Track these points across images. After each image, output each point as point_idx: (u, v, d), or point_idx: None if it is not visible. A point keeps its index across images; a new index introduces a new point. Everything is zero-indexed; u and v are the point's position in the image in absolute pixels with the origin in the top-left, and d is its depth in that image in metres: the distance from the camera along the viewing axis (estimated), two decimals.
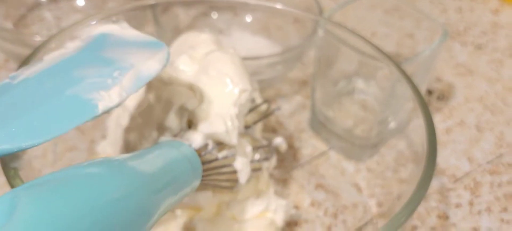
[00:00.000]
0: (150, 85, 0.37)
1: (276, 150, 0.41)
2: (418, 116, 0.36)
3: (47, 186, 0.21)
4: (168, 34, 0.48)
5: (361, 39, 0.41)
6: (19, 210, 0.19)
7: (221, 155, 0.33)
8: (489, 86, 0.53)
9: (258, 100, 0.40)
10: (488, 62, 0.56)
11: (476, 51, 0.57)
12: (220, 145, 0.34)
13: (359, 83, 0.47)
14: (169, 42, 0.40)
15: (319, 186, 0.43)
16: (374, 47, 0.40)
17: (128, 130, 0.37)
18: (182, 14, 0.54)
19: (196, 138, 0.32)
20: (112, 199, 0.23)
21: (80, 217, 0.20)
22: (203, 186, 0.33)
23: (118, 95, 0.28)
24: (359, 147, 0.45)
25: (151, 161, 0.28)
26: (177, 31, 0.46)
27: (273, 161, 0.40)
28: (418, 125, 0.34)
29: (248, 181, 0.36)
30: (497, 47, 0.58)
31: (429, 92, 0.52)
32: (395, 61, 0.39)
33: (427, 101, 0.51)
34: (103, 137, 0.40)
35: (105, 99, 0.28)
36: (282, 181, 0.43)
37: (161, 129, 0.34)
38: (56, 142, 0.39)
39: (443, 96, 0.52)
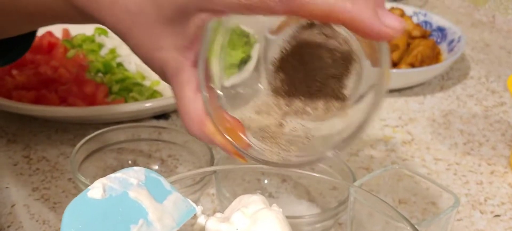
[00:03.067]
0: None
1: None
2: None
3: None
4: (227, 196, 0.58)
5: (386, 204, 0.50)
6: None
7: None
8: None
9: None
10: (505, 228, 0.63)
11: (494, 219, 0.64)
12: None
13: None
14: (228, 202, 0.50)
15: None
16: (396, 212, 0.49)
17: None
18: (239, 180, 0.64)
19: None
20: None
21: None
22: None
23: None
24: None
25: None
26: (234, 194, 0.56)
27: None
28: None
29: None
30: None
31: None
32: (413, 224, 0.48)
33: None
34: None
35: None
36: None
37: None
38: None
39: None
